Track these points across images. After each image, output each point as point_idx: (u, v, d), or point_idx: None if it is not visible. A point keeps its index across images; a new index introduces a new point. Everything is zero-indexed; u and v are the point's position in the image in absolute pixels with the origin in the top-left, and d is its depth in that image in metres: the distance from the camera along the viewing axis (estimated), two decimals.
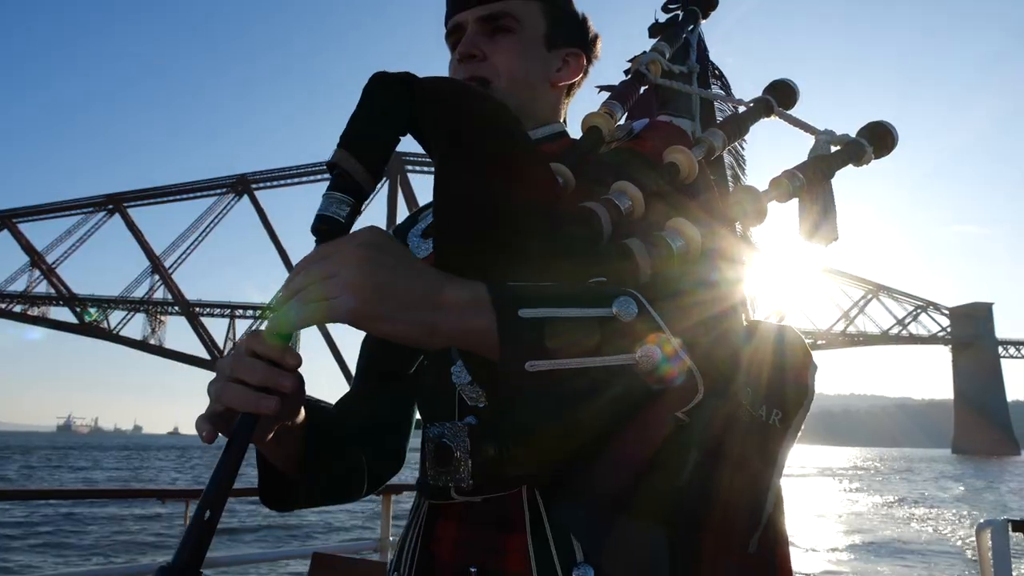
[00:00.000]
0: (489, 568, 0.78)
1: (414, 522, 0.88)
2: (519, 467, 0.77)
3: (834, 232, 0.91)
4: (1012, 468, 70.11)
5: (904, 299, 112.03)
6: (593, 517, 0.75)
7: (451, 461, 0.79)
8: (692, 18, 1.20)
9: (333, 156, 0.71)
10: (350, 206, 0.70)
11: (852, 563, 13.64)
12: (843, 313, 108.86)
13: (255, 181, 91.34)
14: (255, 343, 0.67)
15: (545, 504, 0.77)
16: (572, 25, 1.03)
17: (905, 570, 13.14)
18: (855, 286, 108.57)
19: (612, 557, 0.74)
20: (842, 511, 23.31)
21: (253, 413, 0.65)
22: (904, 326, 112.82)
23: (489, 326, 0.64)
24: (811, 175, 0.90)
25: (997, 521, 3.10)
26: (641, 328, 0.66)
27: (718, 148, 0.93)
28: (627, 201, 0.78)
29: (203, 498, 0.62)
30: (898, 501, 28.75)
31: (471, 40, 0.95)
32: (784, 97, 1.04)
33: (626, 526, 0.76)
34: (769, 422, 0.85)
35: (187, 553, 0.60)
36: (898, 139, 0.97)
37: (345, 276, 0.62)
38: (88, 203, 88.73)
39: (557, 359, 0.64)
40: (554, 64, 1.01)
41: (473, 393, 0.77)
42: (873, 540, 16.74)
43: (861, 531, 18.45)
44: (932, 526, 20.21)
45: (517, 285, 0.68)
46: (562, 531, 0.76)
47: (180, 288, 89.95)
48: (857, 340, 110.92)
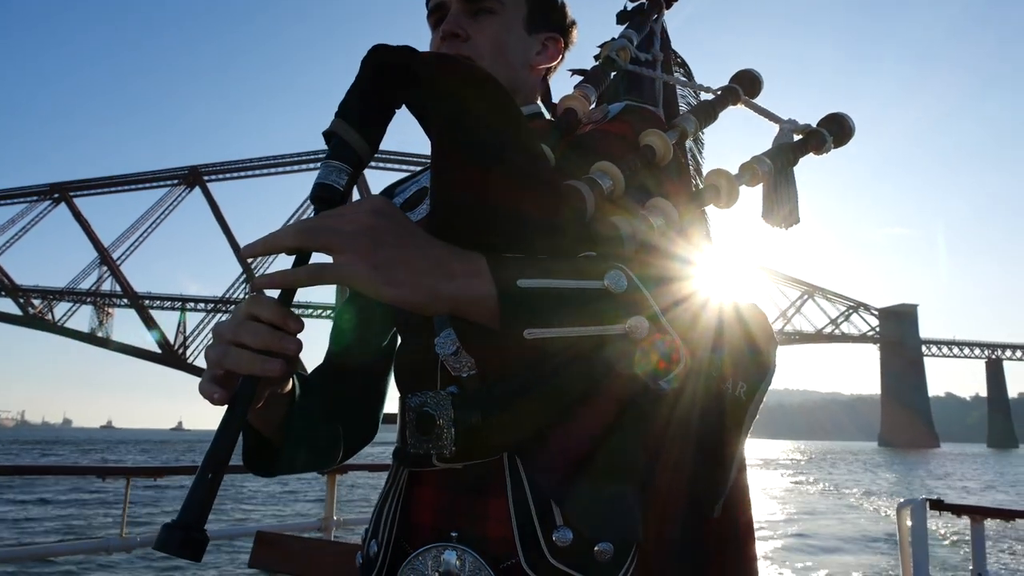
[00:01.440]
0: (470, 533, 0.78)
1: (392, 489, 0.87)
2: (503, 434, 0.77)
3: (796, 216, 0.95)
4: (933, 459, 73.83)
5: (837, 300, 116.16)
6: (572, 482, 0.76)
7: (433, 429, 0.79)
8: (656, 7, 1.23)
9: (331, 125, 0.70)
10: (348, 175, 0.69)
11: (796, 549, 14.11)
12: (781, 312, 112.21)
13: (207, 173, 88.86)
14: (257, 307, 0.66)
15: (525, 470, 0.78)
16: (551, 10, 1.04)
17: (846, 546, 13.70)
18: (792, 287, 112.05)
19: (590, 520, 0.75)
20: (789, 498, 24.09)
21: (256, 376, 0.64)
22: (837, 325, 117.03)
23: (489, 294, 0.65)
24: (777, 162, 0.93)
25: (916, 500, 3.25)
26: (630, 300, 0.68)
27: (690, 133, 0.95)
28: (608, 180, 0.79)
29: (206, 459, 0.62)
30: (835, 487, 30.06)
31: (455, 19, 0.95)
32: (750, 86, 1.07)
33: (602, 490, 0.77)
34: (736, 394, 0.88)
35: (193, 511, 0.60)
36: (855, 130, 1.01)
37: (356, 241, 0.62)
38: (32, 191, 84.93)
39: (553, 327, 0.65)
40: (534, 47, 1.02)
41: (457, 363, 0.77)
42: (812, 522, 17.38)
43: (803, 514, 19.16)
44: (872, 506, 21.16)
45: (514, 257, 0.69)
46: (541, 496, 0.76)
47: (129, 280, 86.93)
48: (794, 338, 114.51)
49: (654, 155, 0.88)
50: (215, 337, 0.68)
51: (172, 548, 0.58)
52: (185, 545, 0.59)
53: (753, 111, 1.03)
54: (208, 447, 0.63)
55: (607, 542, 0.76)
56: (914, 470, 47.74)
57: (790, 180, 0.95)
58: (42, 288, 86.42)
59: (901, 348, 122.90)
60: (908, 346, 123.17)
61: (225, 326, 0.67)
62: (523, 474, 0.78)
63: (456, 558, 0.77)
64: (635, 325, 0.67)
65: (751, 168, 0.91)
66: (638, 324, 0.67)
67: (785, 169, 0.94)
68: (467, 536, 0.78)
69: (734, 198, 0.88)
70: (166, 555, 0.59)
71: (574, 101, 0.97)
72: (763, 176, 0.92)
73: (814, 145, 0.96)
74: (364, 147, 0.70)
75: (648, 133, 0.88)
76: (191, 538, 0.59)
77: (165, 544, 0.59)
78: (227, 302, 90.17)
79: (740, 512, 0.90)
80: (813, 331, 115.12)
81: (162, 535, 0.59)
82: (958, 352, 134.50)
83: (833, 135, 0.97)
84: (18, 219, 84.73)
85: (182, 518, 0.59)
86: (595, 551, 0.75)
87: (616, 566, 0.76)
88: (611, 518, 0.77)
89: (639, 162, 0.86)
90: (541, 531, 0.75)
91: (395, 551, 0.82)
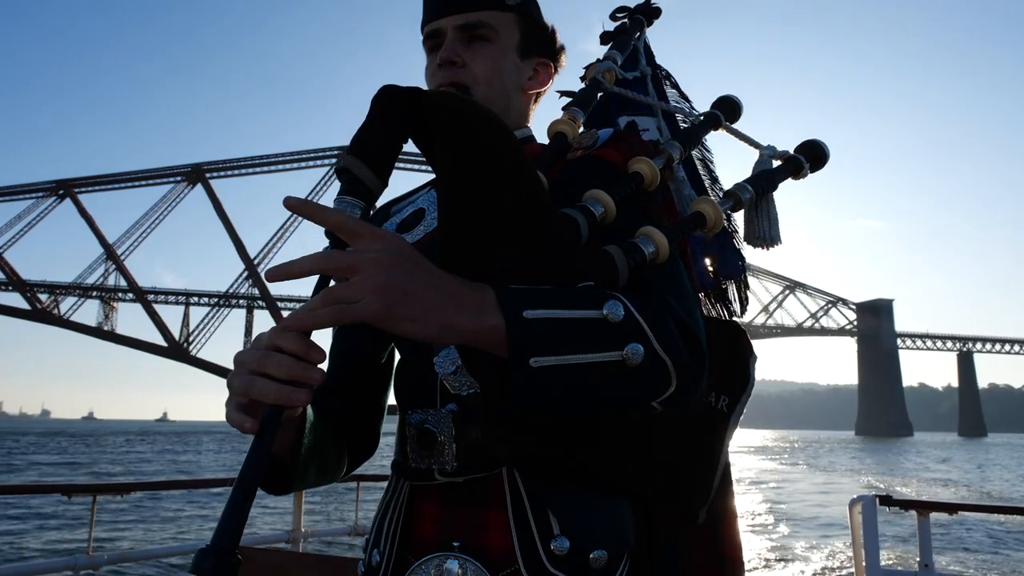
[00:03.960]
0: (471, 543, 0.79)
1: (393, 501, 0.88)
2: (502, 449, 0.79)
3: (778, 238, 0.97)
4: (908, 447, 74.75)
5: (817, 295, 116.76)
6: (568, 494, 0.79)
7: (434, 445, 0.80)
8: (638, 26, 1.24)
9: (343, 162, 0.71)
10: (361, 209, 0.70)
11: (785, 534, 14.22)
12: (763, 307, 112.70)
13: (210, 170, 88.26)
14: (280, 339, 0.67)
15: (523, 482, 0.79)
16: (542, 36, 1.05)
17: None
18: (775, 283, 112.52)
19: (585, 529, 0.77)
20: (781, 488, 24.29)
21: (283, 405, 0.66)
22: (817, 319, 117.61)
23: (497, 326, 0.66)
24: (758, 188, 0.95)
25: (867, 496, 3.31)
26: (627, 328, 0.69)
27: (676, 159, 0.96)
28: (600, 208, 0.81)
29: (237, 485, 0.63)
30: (820, 469, 30.41)
31: (452, 47, 0.96)
32: (730, 112, 1.08)
33: (596, 501, 0.80)
34: (718, 407, 0.91)
35: (226, 535, 0.61)
36: (829, 156, 1.03)
37: (372, 280, 0.63)
38: (37, 188, 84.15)
39: (557, 355, 0.67)
40: (526, 72, 1.03)
41: (456, 382, 0.78)
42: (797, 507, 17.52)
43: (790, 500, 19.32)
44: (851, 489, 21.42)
45: (519, 288, 0.70)
46: (540, 507, 0.78)
47: (133, 275, 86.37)
48: (775, 332, 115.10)
49: (642, 181, 0.89)
50: (237, 366, 0.68)
51: (207, 572, 0.59)
52: (219, 570, 0.59)
53: (734, 136, 1.04)
54: (239, 473, 0.63)
55: (601, 549, 0.78)
56: (905, 456, 48.38)
57: (771, 204, 0.98)
58: (49, 283, 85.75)
59: (877, 341, 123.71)
60: (884, 339, 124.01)
61: (248, 356, 0.68)
62: (521, 486, 0.79)
63: (458, 567, 0.78)
64: (632, 351, 0.69)
65: (735, 195, 0.93)
66: (634, 351, 0.69)
67: (766, 194, 0.97)
68: (468, 546, 0.79)
69: (719, 225, 0.90)
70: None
71: (563, 126, 0.98)
72: (746, 203, 0.94)
73: (792, 171, 0.99)
74: (376, 182, 0.71)
75: (636, 160, 0.89)
76: (226, 563, 0.60)
77: (200, 569, 0.59)
78: (231, 297, 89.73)
79: (726, 519, 0.92)
80: (794, 325, 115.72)
81: (197, 560, 0.60)
82: (931, 345, 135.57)
83: (810, 161, 0.99)
84: (24, 215, 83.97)
85: (217, 542, 0.60)
86: (590, 558, 0.77)
87: (610, 572, 0.78)
88: (604, 527, 0.79)
89: (628, 189, 0.88)
90: (540, 540, 0.77)
91: (397, 561, 0.83)
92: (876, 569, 3.11)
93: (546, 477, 0.79)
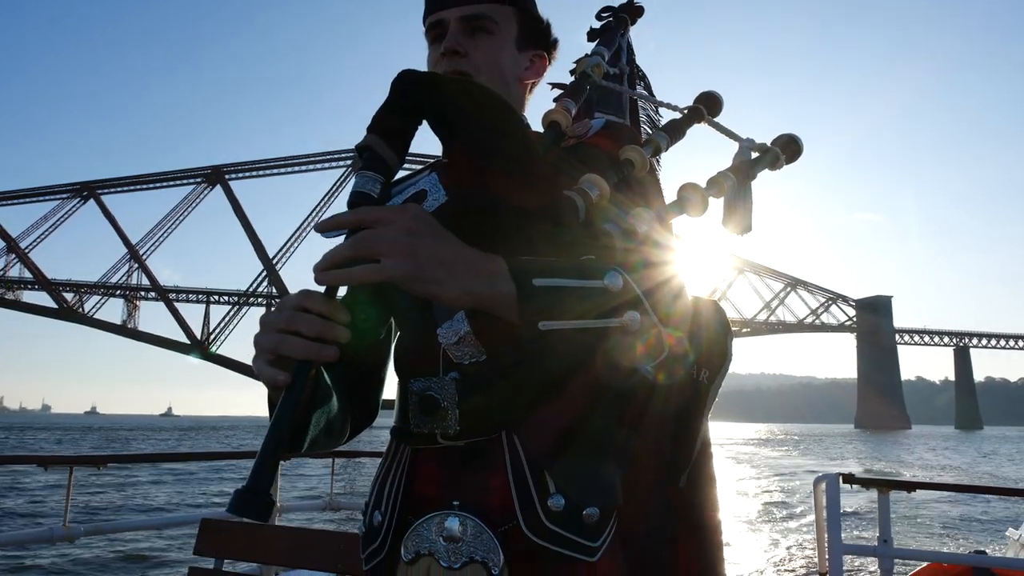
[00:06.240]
0: (471, 502, 0.82)
1: (395, 463, 0.91)
2: (502, 414, 0.82)
3: (749, 224, 1.00)
4: (906, 439, 74.47)
5: (818, 292, 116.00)
6: (562, 455, 0.82)
7: (437, 410, 0.83)
8: (622, 24, 1.27)
9: (365, 140, 0.76)
10: (381, 184, 0.74)
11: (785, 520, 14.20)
12: (765, 304, 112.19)
13: (229, 172, 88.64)
14: (307, 300, 0.71)
15: (521, 444, 0.82)
16: (538, 29, 1.08)
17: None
18: (776, 280, 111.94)
19: (579, 488, 0.81)
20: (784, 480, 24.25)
21: (312, 361, 0.68)
22: (817, 316, 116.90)
23: (509, 292, 0.71)
24: (738, 177, 0.99)
25: (831, 475, 3.37)
26: (625, 297, 0.74)
27: (663, 148, 1.00)
28: (596, 190, 0.85)
29: (268, 437, 0.65)
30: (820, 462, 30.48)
31: (454, 37, 0.99)
32: (712, 106, 1.12)
33: (589, 462, 0.83)
34: (699, 380, 0.95)
35: (260, 478, 0.63)
36: (803, 149, 1.07)
37: (401, 243, 0.67)
38: (62, 189, 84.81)
39: (563, 320, 0.71)
40: (523, 64, 1.06)
41: (458, 351, 0.82)
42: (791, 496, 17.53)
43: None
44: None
45: (528, 259, 0.75)
46: (537, 468, 0.81)
47: (155, 274, 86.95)
48: (777, 328, 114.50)
49: (632, 168, 0.93)
50: (263, 327, 0.72)
51: (243, 510, 0.62)
52: (256, 508, 0.62)
53: (715, 129, 1.08)
54: (271, 421, 0.66)
55: (594, 507, 0.81)
56: (909, 448, 48.36)
57: (747, 193, 1.01)
58: (73, 282, 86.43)
59: (876, 337, 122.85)
60: (883, 335, 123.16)
61: (275, 317, 0.71)
62: (520, 448, 0.82)
63: (459, 524, 0.80)
64: (630, 319, 0.74)
65: (718, 182, 0.96)
66: (632, 318, 0.74)
67: (744, 183, 1.00)
68: (468, 504, 0.81)
69: (705, 208, 0.94)
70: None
71: (558, 115, 1.02)
72: (728, 189, 0.98)
73: (769, 162, 1.02)
74: (394, 159, 0.76)
75: (628, 148, 0.93)
76: (262, 501, 0.63)
77: (237, 507, 0.62)
78: (251, 295, 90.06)
79: (706, 484, 0.96)
80: (795, 321, 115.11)
81: (235, 499, 0.62)
82: (929, 340, 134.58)
83: (785, 153, 1.03)
84: (49, 216, 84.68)
85: (253, 483, 0.63)
86: (584, 515, 0.80)
87: (601, 528, 0.81)
88: (596, 486, 0.82)
89: (621, 173, 0.92)
90: (537, 498, 0.80)
91: (399, 521, 0.86)
92: (838, 544, 3.19)
93: (543, 440, 0.82)
